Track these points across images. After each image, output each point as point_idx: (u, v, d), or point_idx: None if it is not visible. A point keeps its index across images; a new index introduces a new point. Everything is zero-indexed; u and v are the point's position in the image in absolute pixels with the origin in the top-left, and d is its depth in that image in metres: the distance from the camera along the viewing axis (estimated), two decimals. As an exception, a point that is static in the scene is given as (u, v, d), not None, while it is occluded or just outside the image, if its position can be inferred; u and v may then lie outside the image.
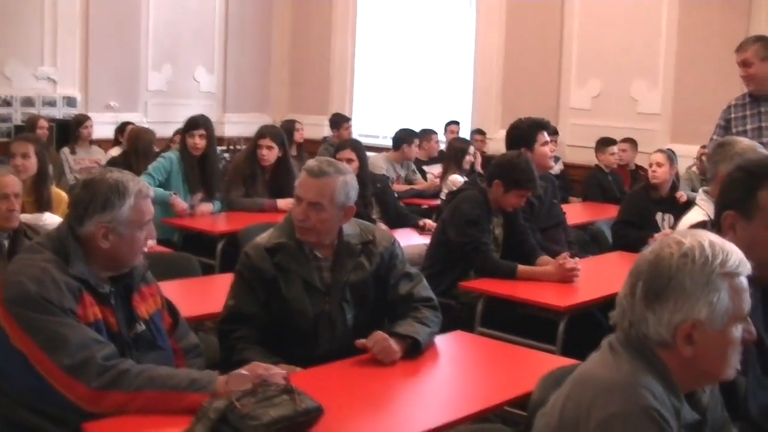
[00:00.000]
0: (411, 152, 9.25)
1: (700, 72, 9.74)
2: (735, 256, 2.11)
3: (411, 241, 6.18)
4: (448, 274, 5.12)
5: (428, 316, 3.63)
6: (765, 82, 5.79)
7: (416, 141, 9.35)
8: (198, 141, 6.95)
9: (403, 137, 9.25)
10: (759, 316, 2.75)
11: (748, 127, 5.80)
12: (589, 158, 10.14)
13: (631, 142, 10.03)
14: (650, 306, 2.07)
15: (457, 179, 7.38)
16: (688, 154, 9.38)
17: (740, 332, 2.12)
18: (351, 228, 3.70)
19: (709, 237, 2.13)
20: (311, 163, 3.65)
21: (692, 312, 2.04)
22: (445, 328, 3.89)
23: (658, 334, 2.07)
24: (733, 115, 5.95)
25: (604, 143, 9.74)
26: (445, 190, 7.80)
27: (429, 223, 6.92)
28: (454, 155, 8.38)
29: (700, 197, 4.57)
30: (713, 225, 2.84)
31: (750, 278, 2.18)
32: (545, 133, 5.91)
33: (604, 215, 7.92)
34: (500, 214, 5.35)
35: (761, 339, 2.74)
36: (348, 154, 6.71)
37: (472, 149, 8.77)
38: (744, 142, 4.65)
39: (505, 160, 5.36)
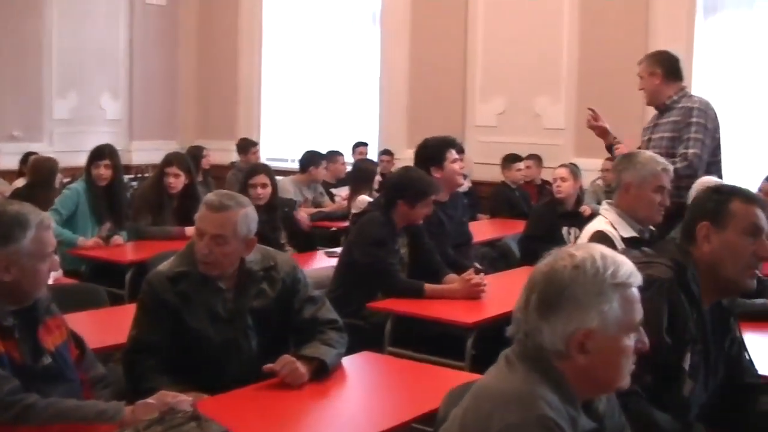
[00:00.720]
0: (318, 174, 9.24)
1: (602, 86, 9.90)
2: (626, 267, 2.17)
3: (320, 264, 6.20)
4: (356, 295, 5.11)
5: (334, 338, 3.66)
6: (653, 96, 6.01)
7: (323, 163, 9.35)
8: (103, 171, 6.87)
9: (310, 159, 9.23)
10: (708, 329, 2.98)
11: (645, 137, 6.03)
12: (496, 175, 10.26)
13: (536, 158, 10.21)
14: (545, 317, 2.12)
15: (365, 200, 7.40)
16: (592, 167, 9.55)
17: (632, 342, 2.17)
18: (253, 254, 3.69)
19: (600, 249, 2.20)
20: (211, 197, 3.64)
21: (585, 321, 2.10)
22: (355, 349, 3.92)
23: (553, 345, 2.11)
24: (647, 125, 6.18)
25: (510, 160, 9.89)
26: (354, 212, 7.83)
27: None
28: (361, 176, 8.39)
29: (604, 207, 4.68)
30: (684, 237, 3.05)
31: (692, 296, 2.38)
32: (453, 151, 5.99)
33: (511, 231, 8.01)
34: (405, 234, 5.40)
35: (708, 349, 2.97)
36: (263, 179, 6.74)
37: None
38: (645, 153, 4.82)
39: (399, 179, 5.43)
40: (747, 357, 3.22)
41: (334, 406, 3.43)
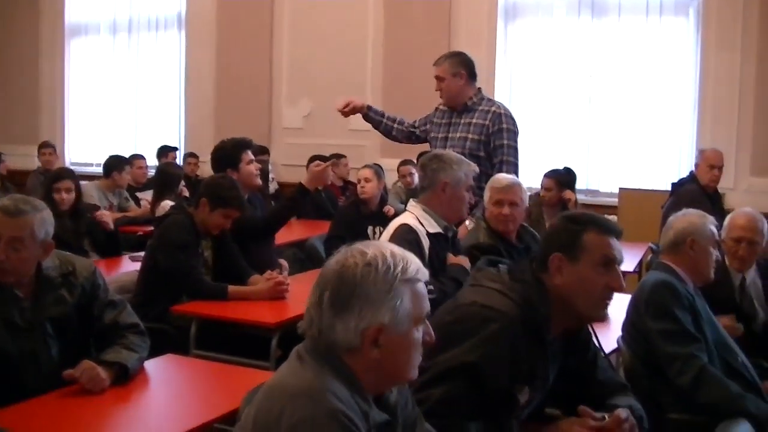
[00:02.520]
0: (122, 179, 9.07)
1: (407, 88, 10.12)
2: (414, 264, 2.25)
3: (125, 268, 6.13)
4: (161, 299, 5.07)
5: (135, 342, 3.64)
6: (456, 97, 6.17)
7: (127, 168, 9.20)
8: None
9: (114, 164, 9.05)
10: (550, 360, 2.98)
11: (440, 135, 6.17)
12: (303, 176, 10.29)
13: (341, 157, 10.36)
14: (338, 314, 2.17)
15: (168, 204, 7.32)
16: (396, 168, 9.79)
17: (421, 334, 2.26)
18: (50, 260, 3.60)
19: (390, 247, 2.27)
20: (5, 202, 3.52)
21: (377, 317, 2.16)
22: (160, 353, 3.91)
23: (346, 340, 2.16)
24: (434, 119, 6.33)
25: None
26: (157, 216, 7.74)
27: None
28: (165, 181, 8.30)
29: (411, 204, 4.84)
30: (539, 264, 2.99)
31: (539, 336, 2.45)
32: (249, 152, 6.02)
33: (317, 231, 8.09)
34: (209, 237, 5.40)
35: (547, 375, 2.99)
36: (67, 183, 6.62)
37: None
38: (454, 154, 4.97)
39: (211, 180, 5.45)
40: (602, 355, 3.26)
41: (136, 410, 3.42)
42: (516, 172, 5.84)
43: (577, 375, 3.13)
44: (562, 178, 7.76)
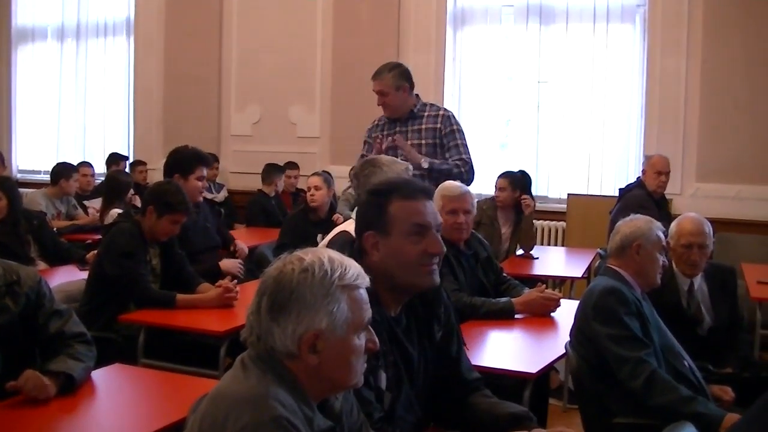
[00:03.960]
0: (69, 186, 9.02)
1: (355, 95, 10.12)
2: (353, 270, 2.24)
3: (72, 277, 6.06)
4: (108, 308, 5.04)
5: (82, 351, 3.59)
6: (400, 109, 6.22)
7: (75, 175, 9.14)
8: None
9: (61, 172, 9.01)
10: (401, 336, 2.90)
11: (384, 146, 6.18)
12: (252, 184, 10.32)
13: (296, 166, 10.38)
14: (275, 319, 2.16)
15: (116, 213, 7.27)
16: (345, 175, 9.75)
17: (363, 341, 2.24)
18: (-6, 270, 3.55)
19: (328, 253, 2.26)
20: None
21: (314, 323, 2.15)
22: (107, 362, 3.86)
23: (284, 346, 2.15)
24: (376, 132, 6.35)
25: (277, 170, 9.99)
26: (106, 223, 7.68)
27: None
28: (114, 188, 8.21)
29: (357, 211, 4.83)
30: (357, 251, 2.88)
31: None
32: (204, 169, 6.04)
33: (267, 239, 8.07)
34: (156, 245, 5.37)
35: (407, 355, 2.91)
36: None
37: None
38: (385, 157, 4.98)
39: (156, 187, 5.43)
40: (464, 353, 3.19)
41: (82, 421, 3.36)
42: (473, 170, 5.95)
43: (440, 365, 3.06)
44: (516, 179, 7.79)
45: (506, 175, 7.83)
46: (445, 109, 6.32)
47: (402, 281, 2.84)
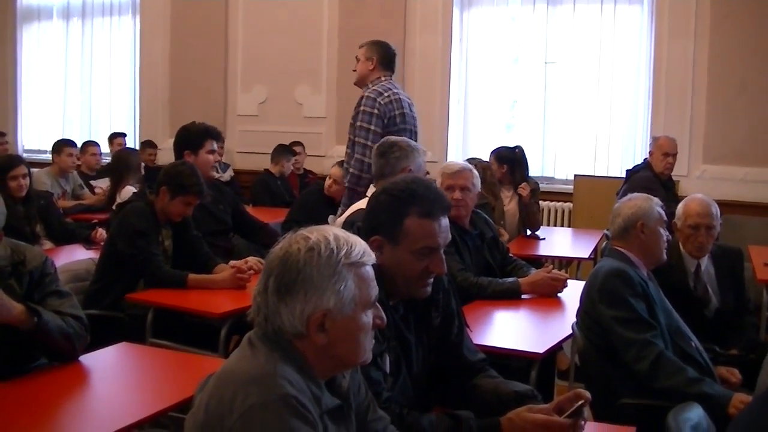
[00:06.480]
0: (63, 162, 9.02)
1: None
2: (359, 247, 2.23)
3: (78, 256, 6.07)
4: (116, 287, 5.04)
5: (71, 322, 3.51)
6: (362, 79, 6.48)
7: (67, 150, 9.10)
8: None
9: (54, 148, 9.08)
10: (400, 324, 2.92)
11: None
12: (257, 163, 10.32)
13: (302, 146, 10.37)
14: (282, 299, 2.15)
15: (131, 191, 7.26)
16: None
17: (370, 318, 2.24)
18: (2, 249, 3.52)
19: (334, 231, 2.24)
20: None
21: (321, 302, 2.14)
22: (114, 341, 3.88)
23: (292, 326, 2.15)
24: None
25: (286, 151, 9.96)
26: (118, 202, 7.65)
27: (101, 232, 6.69)
28: (121, 167, 8.17)
29: (371, 189, 4.83)
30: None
31: None
32: (214, 143, 6.02)
33: (273, 218, 8.04)
34: (168, 226, 5.37)
35: (406, 342, 2.93)
36: (23, 170, 6.62)
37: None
38: (412, 142, 4.96)
39: (170, 168, 5.40)
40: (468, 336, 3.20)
41: (89, 398, 3.38)
42: (362, 153, 5.98)
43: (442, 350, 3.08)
44: (502, 155, 7.74)
45: (493, 152, 7.81)
46: (372, 91, 6.27)
47: (398, 286, 2.86)
